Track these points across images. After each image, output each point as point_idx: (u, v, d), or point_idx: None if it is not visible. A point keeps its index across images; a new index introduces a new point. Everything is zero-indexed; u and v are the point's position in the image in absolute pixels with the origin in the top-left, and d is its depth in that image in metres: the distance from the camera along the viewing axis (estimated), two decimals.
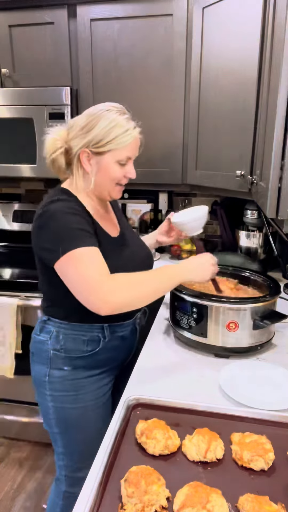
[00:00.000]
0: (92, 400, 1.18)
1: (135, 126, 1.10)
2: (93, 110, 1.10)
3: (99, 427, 1.15)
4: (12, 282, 1.93)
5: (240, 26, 1.51)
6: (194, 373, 1.11)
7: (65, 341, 1.15)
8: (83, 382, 1.17)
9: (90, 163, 1.10)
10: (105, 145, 1.06)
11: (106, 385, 1.23)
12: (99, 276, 0.98)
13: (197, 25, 1.73)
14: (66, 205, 1.06)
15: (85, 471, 1.24)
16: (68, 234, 1.00)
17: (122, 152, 1.08)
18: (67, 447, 1.21)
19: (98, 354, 1.17)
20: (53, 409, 1.19)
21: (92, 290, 0.98)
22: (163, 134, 1.91)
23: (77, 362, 1.16)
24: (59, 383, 1.16)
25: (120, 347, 1.23)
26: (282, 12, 1.05)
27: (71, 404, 1.17)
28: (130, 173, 1.13)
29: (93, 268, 0.99)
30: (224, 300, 1.17)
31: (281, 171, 1.09)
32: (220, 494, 0.66)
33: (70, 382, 1.16)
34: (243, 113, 1.55)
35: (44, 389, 1.19)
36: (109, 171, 1.10)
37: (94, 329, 1.16)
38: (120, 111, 1.10)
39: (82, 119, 1.10)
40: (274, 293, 1.22)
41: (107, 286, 0.98)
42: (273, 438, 0.79)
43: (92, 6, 1.83)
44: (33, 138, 1.97)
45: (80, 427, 1.18)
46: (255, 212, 1.92)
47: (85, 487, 0.73)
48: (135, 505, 0.64)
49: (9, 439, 2.20)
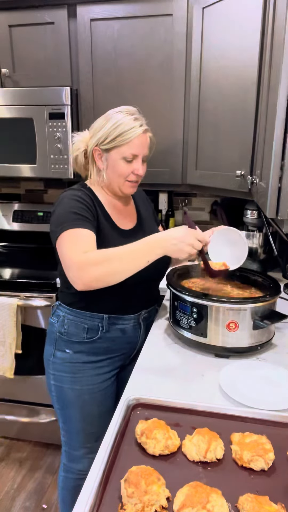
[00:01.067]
0: (88, 384, 1.27)
1: (142, 124, 1.18)
2: (107, 112, 1.22)
3: (95, 411, 1.28)
4: (12, 282, 1.93)
5: (240, 26, 1.51)
6: (194, 373, 1.11)
7: (69, 326, 1.26)
8: (82, 367, 1.26)
9: (101, 160, 1.21)
10: (110, 142, 1.17)
11: (105, 373, 1.30)
12: (75, 253, 1.06)
13: (197, 25, 1.73)
14: (73, 193, 1.18)
15: (82, 450, 1.33)
16: (66, 217, 1.11)
17: (126, 148, 1.17)
18: (66, 424, 1.33)
19: (97, 342, 1.26)
20: (54, 387, 1.30)
21: (68, 266, 1.08)
22: (163, 134, 1.91)
23: (77, 346, 1.26)
24: (60, 364, 1.27)
25: (121, 340, 1.29)
26: (282, 12, 1.05)
27: (68, 385, 1.27)
28: (137, 170, 1.20)
29: (75, 247, 1.07)
30: (224, 300, 1.17)
31: (281, 171, 1.09)
32: (220, 494, 0.66)
33: (70, 364, 1.26)
34: (243, 113, 1.55)
35: (48, 368, 1.31)
36: (116, 167, 1.19)
37: (95, 318, 1.24)
38: (129, 112, 1.19)
39: (97, 121, 1.22)
40: (274, 293, 1.21)
41: (79, 262, 1.05)
42: (273, 438, 0.79)
43: (92, 6, 1.83)
44: (33, 138, 1.97)
45: (77, 406, 1.28)
46: (255, 212, 1.92)
47: (85, 487, 0.73)
48: (135, 505, 0.64)
49: (9, 439, 2.20)
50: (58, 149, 1.95)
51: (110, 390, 1.32)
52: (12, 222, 2.42)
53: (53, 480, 1.94)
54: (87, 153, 1.26)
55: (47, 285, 1.90)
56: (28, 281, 1.92)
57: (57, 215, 1.15)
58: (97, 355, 1.27)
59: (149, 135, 1.22)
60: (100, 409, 1.30)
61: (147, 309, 1.34)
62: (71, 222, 1.10)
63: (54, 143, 1.95)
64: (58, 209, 1.16)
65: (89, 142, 1.23)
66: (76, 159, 1.29)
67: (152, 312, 1.40)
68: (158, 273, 1.35)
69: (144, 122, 1.20)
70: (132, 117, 1.17)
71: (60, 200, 1.18)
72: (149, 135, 1.22)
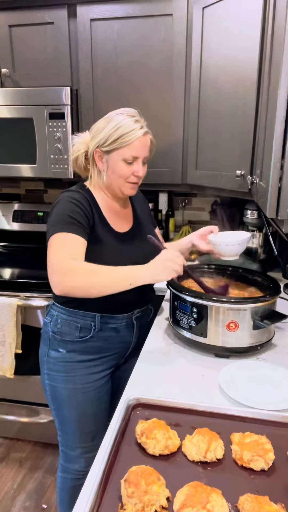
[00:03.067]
0: (82, 383, 1.27)
1: (142, 127, 1.19)
2: (108, 114, 1.22)
3: (89, 410, 1.29)
4: (12, 282, 1.93)
5: (240, 25, 1.51)
6: (194, 373, 1.11)
7: (62, 325, 1.27)
8: (75, 366, 1.27)
9: (102, 162, 1.22)
10: (111, 144, 1.17)
11: (99, 372, 1.30)
12: (60, 258, 1.08)
13: (197, 25, 1.73)
14: (71, 195, 1.19)
15: (78, 450, 1.33)
16: (59, 219, 1.13)
17: (127, 151, 1.17)
18: (61, 424, 1.33)
19: (90, 341, 1.26)
20: (48, 386, 1.31)
21: (51, 269, 1.09)
22: (163, 134, 1.91)
23: (70, 346, 1.26)
24: (54, 363, 1.28)
25: (113, 339, 1.29)
26: (282, 12, 1.05)
27: (61, 384, 1.27)
28: (137, 172, 1.21)
29: (61, 251, 1.09)
30: (224, 300, 1.17)
31: (281, 171, 1.09)
32: (220, 494, 0.66)
33: (63, 364, 1.27)
34: (243, 113, 1.55)
35: (43, 367, 1.32)
36: (116, 169, 1.20)
37: (88, 317, 1.25)
38: (130, 114, 1.19)
39: (98, 123, 1.23)
40: (274, 293, 1.21)
41: (63, 268, 1.07)
42: (273, 438, 0.79)
43: (92, 6, 1.83)
44: (33, 138, 1.97)
45: (71, 406, 1.28)
46: (255, 212, 1.92)
47: (85, 487, 0.73)
48: (135, 505, 0.64)
49: (9, 439, 2.20)
50: (58, 149, 1.95)
51: (104, 389, 1.32)
52: (12, 222, 2.42)
53: (53, 480, 1.94)
54: (87, 155, 1.26)
55: (47, 285, 1.86)
56: (28, 281, 1.92)
57: (52, 216, 1.17)
58: (90, 354, 1.27)
59: (150, 137, 1.22)
60: (95, 408, 1.30)
61: (140, 308, 1.33)
62: (63, 225, 1.11)
63: (54, 143, 1.95)
64: (54, 210, 1.17)
65: (89, 143, 1.23)
66: (76, 160, 1.29)
67: (146, 311, 1.39)
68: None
69: (144, 124, 1.20)
70: (132, 119, 1.18)
71: (58, 201, 1.19)
72: (150, 137, 1.22)
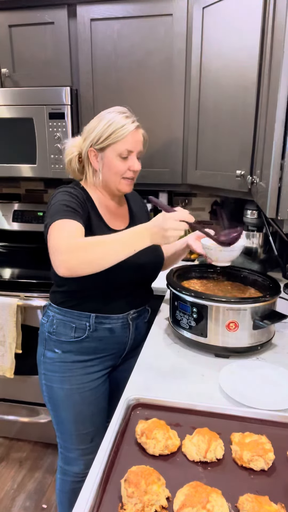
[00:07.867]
0: (78, 384, 1.27)
1: (134, 121, 1.20)
2: (99, 114, 1.23)
3: (86, 410, 1.29)
4: (12, 282, 1.93)
5: (240, 25, 1.51)
6: (194, 373, 1.11)
7: (57, 326, 1.27)
8: (71, 366, 1.27)
9: (97, 160, 1.23)
10: (104, 140, 1.18)
11: (95, 373, 1.29)
12: (63, 239, 1.05)
13: (197, 25, 1.73)
14: (66, 189, 1.20)
15: (77, 452, 1.33)
16: (56, 209, 1.12)
17: (121, 145, 1.18)
18: (59, 425, 1.33)
19: (85, 342, 1.26)
20: (45, 387, 1.32)
21: (52, 250, 1.06)
22: (163, 134, 1.91)
23: (65, 346, 1.26)
24: (50, 363, 1.29)
25: (109, 340, 1.29)
26: (282, 12, 1.05)
27: (58, 384, 1.28)
28: (132, 166, 1.22)
29: (61, 234, 1.06)
30: (224, 300, 1.16)
31: (281, 171, 1.09)
32: (220, 494, 0.66)
33: (59, 364, 1.27)
34: (243, 113, 1.55)
35: (40, 368, 1.32)
36: (112, 165, 1.21)
37: (83, 317, 1.25)
38: (120, 111, 1.20)
39: (90, 123, 1.24)
40: (274, 293, 1.21)
41: (67, 245, 1.03)
42: (273, 438, 0.79)
43: (92, 6, 1.83)
44: (33, 138, 1.97)
45: (68, 407, 1.28)
46: (255, 212, 1.92)
47: (85, 487, 0.73)
48: (135, 505, 0.64)
49: (9, 439, 2.20)
50: (58, 149, 1.95)
51: (101, 390, 1.31)
52: (12, 222, 2.42)
53: (53, 480, 1.94)
54: (81, 157, 1.27)
55: (47, 285, 1.89)
56: (28, 281, 1.92)
57: (49, 210, 1.17)
58: (86, 354, 1.27)
59: (142, 132, 1.23)
60: (92, 409, 1.29)
61: (136, 309, 1.32)
62: (61, 214, 1.11)
63: (54, 143, 1.96)
64: (51, 203, 1.18)
65: (82, 145, 1.24)
66: (70, 163, 1.29)
67: (143, 312, 1.37)
68: (147, 274, 1.33)
69: (135, 119, 1.21)
70: (123, 115, 1.19)
71: (54, 196, 1.20)
72: (142, 132, 1.23)
